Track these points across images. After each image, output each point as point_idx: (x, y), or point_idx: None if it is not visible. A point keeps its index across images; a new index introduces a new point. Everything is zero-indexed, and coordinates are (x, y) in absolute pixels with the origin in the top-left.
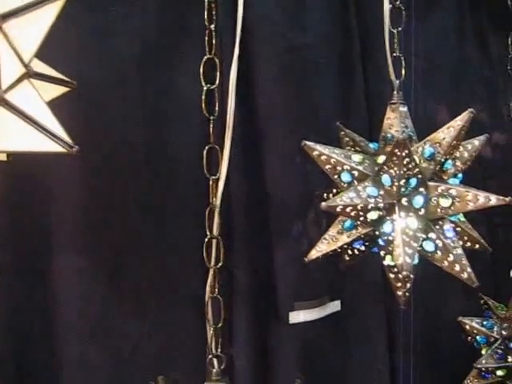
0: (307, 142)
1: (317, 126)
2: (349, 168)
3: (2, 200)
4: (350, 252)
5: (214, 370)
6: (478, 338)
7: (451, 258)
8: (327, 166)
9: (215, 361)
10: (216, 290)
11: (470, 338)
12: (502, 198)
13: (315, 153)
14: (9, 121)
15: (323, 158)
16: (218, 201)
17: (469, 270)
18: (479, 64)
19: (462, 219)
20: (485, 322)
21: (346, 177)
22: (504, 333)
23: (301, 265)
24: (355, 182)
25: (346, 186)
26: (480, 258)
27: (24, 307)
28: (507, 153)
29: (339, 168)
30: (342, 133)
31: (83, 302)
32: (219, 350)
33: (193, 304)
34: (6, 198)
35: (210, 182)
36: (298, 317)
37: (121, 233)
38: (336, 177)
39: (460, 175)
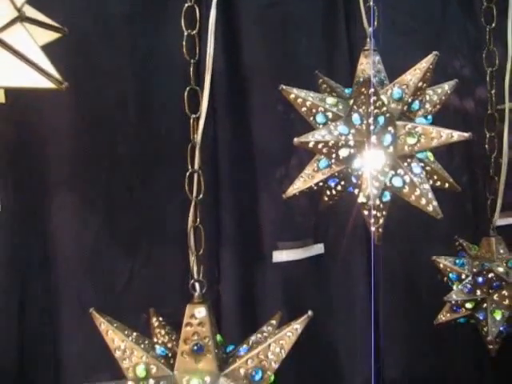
0: (284, 86)
1: (299, 75)
2: (323, 110)
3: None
4: (328, 192)
5: (196, 294)
6: (450, 275)
7: (418, 192)
8: (303, 109)
9: (197, 285)
10: (197, 219)
11: (444, 278)
12: (462, 133)
13: (292, 96)
14: (3, 59)
15: (299, 100)
16: (198, 137)
17: (434, 203)
18: (463, 20)
19: (432, 159)
20: (457, 261)
21: (320, 118)
22: (474, 270)
23: (284, 207)
24: (329, 123)
25: (320, 127)
26: (463, 210)
27: (23, 244)
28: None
29: (314, 110)
30: (321, 80)
31: (77, 240)
32: (201, 275)
33: (181, 241)
34: (4, 137)
35: (191, 121)
36: (281, 256)
37: (112, 174)
38: (311, 119)
39: (430, 117)
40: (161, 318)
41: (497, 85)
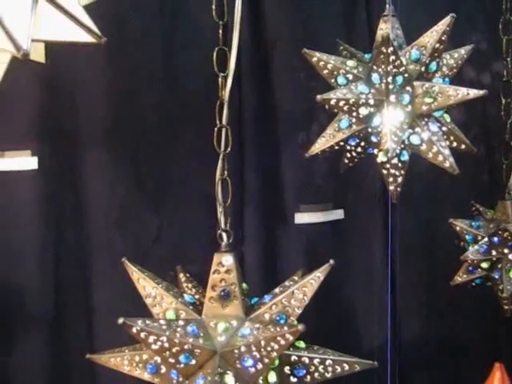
0: (307, 50)
1: (320, 44)
2: (344, 72)
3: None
4: (348, 155)
5: (223, 243)
6: (466, 237)
7: (435, 149)
8: (325, 71)
9: (224, 235)
10: (225, 172)
11: (461, 242)
12: (478, 91)
13: (314, 59)
14: (46, 12)
15: (321, 63)
16: (226, 95)
17: (451, 159)
18: None
19: (448, 120)
20: (473, 223)
21: (341, 80)
22: (490, 231)
23: (306, 171)
24: (350, 84)
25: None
26: (480, 180)
27: (57, 198)
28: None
29: (335, 72)
30: (341, 47)
31: (107, 197)
32: (228, 225)
33: (208, 203)
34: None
35: (220, 79)
36: (302, 218)
37: (140, 132)
38: (333, 80)
39: (447, 80)
40: (188, 274)
41: None
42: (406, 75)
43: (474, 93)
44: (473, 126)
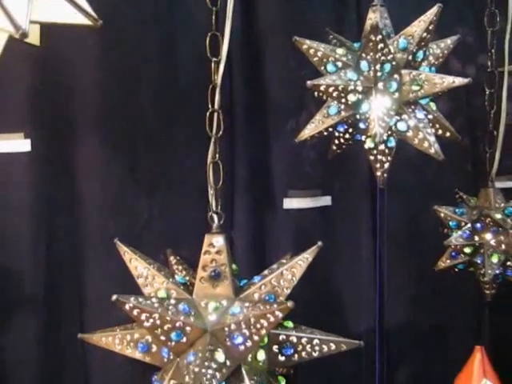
0: (298, 38)
1: (310, 34)
2: (333, 59)
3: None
4: (336, 141)
5: (215, 225)
6: (450, 223)
7: (421, 135)
8: (315, 58)
9: (215, 216)
10: (217, 155)
11: (445, 229)
12: (463, 79)
13: (304, 46)
14: None
15: (311, 51)
16: (219, 79)
17: (436, 146)
18: None
19: (434, 108)
20: (457, 210)
21: (331, 67)
22: (473, 218)
23: (295, 158)
24: (339, 71)
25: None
26: (464, 170)
27: (51, 182)
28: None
29: (325, 60)
30: (331, 36)
31: (101, 181)
32: (219, 208)
33: (199, 190)
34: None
35: (212, 64)
36: (291, 203)
37: (134, 118)
38: (322, 68)
39: (433, 69)
40: (178, 257)
41: (498, 48)
42: (393, 63)
43: (459, 81)
44: (458, 116)
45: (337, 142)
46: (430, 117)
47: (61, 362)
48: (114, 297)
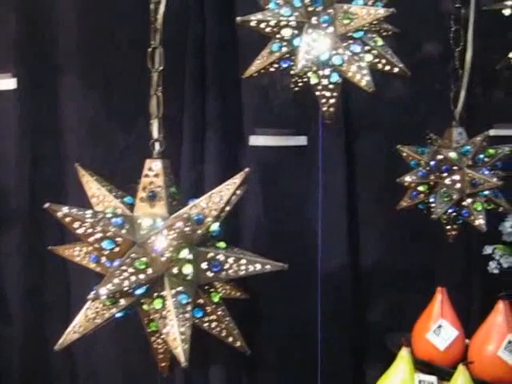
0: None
1: None
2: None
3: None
4: (292, 79)
5: (155, 151)
6: (412, 162)
7: (354, 68)
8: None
9: (157, 144)
10: (158, 88)
11: None
12: (388, 9)
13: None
14: None
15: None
16: (160, 19)
17: (367, 78)
18: None
19: (380, 43)
20: (418, 149)
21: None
22: (431, 157)
23: (264, 97)
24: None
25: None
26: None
27: (35, 115)
28: None
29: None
30: None
31: (80, 113)
32: (161, 136)
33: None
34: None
35: (152, 5)
36: (257, 140)
37: (110, 57)
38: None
39: (378, 3)
40: None
41: None
42: None
43: (384, 10)
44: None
45: (292, 79)
46: (375, 52)
47: (42, 270)
48: (47, 204)
